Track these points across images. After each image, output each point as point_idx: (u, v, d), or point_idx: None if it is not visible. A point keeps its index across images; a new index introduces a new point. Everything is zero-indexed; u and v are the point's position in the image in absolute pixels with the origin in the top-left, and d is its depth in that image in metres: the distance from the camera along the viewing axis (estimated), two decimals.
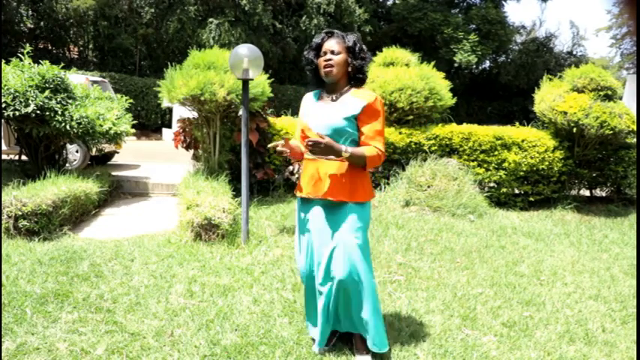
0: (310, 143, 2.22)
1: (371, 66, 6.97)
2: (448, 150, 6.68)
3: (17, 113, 5.26)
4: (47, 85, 5.55)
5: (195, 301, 3.13)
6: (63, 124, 5.46)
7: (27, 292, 3.10)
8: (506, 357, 2.65)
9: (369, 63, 2.49)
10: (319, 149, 2.24)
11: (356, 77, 2.43)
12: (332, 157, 2.33)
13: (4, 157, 7.23)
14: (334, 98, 2.42)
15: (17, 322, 2.73)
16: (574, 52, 24.35)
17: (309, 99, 2.54)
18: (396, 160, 6.57)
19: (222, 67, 5.66)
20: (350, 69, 2.39)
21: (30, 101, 5.27)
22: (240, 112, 5.18)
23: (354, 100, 2.36)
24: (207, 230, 4.38)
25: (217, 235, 4.38)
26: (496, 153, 6.68)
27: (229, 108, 5.79)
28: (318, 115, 2.41)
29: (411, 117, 6.66)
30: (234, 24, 15.61)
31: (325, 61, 2.36)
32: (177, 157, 8.92)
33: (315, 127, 2.39)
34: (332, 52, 2.36)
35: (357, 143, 2.39)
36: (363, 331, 2.45)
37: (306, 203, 2.49)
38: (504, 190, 6.77)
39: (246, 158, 4.36)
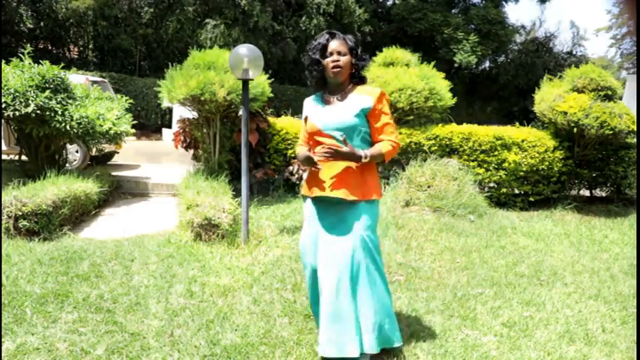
0: (331, 151, 2.28)
1: (371, 66, 6.97)
2: (448, 150, 6.68)
3: (17, 113, 5.26)
4: (47, 85, 5.55)
5: (195, 301, 3.13)
6: (63, 124, 5.46)
7: (27, 292, 3.10)
8: (506, 357, 2.65)
9: (368, 63, 2.55)
10: (341, 155, 2.30)
11: (359, 76, 2.50)
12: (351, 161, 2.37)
13: (4, 157, 7.23)
14: (339, 98, 2.45)
15: (17, 322, 2.73)
16: (574, 53, 24.33)
17: (311, 102, 2.56)
18: (396, 160, 6.57)
19: (222, 67, 5.66)
20: (353, 70, 2.45)
21: (30, 101, 5.27)
22: (240, 112, 5.18)
23: (360, 97, 2.40)
24: (207, 230, 4.38)
25: (217, 235, 4.38)
26: (496, 153, 6.68)
27: (229, 108, 5.79)
28: (326, 115, 2.43)
29: (411, 117, 6.66)
30: (231, 25, 15.60)
31: (333, 62, 2.39)
32: (177, 157, 8.92)
33: (325, 127, 2.41)
34: (339, 53, 2.40)
35: (369, 137, 2.46)
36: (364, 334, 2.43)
37: (317, 202, 2.49)
38: (504, 190, 6.77)
39: (246, 158, 4.36)
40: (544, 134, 6.86)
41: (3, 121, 6.09)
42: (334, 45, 2.41)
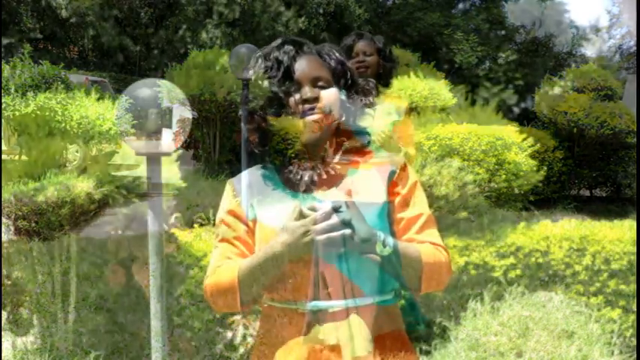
0: None
1: None
2: (448, 150, 6.66)
3: (17, 113, 5.26)
4: (47, 85, 5.55)
5: (195, 301, 3.13)
6: (63, 124, 5.46)
7: (27, 292, 3.10)
8: (506, 357, 2.65)
9: (397, 66, 2.54)
10: None
11: (385, 78, 2.48)
12: None
13: (4, 157, 7.23)
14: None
15: (17, 322, 2.73)
16: (574, 53, 24.34)
17: None
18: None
19: (222, 67, 5.66)
20: (382, 71, 2.44)
21: (30, 101, 5.26)
22: (240, 112, 5.18)
23: (392, 104, 2.39)
24: (207, 230, 4.38)
25: (218, 235, 4.38)
26: (496, 153, 6.66)
27: (229, 108, 5.79)
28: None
29: (411, 117, 6.66)
30: (230, 25, 15.62)
31: (358, 62, 2.39)
32: (176, 157, 8.92)
33: None
34: (364, 54, 2.40)
35: None
36: None
37: None
38: (504, 190, 6.76)
39: (246, 158, 4.36)
40: (544, 134, 6.85)
41: (3, 121, 6.10)
42: (360, 46, 2.41)
